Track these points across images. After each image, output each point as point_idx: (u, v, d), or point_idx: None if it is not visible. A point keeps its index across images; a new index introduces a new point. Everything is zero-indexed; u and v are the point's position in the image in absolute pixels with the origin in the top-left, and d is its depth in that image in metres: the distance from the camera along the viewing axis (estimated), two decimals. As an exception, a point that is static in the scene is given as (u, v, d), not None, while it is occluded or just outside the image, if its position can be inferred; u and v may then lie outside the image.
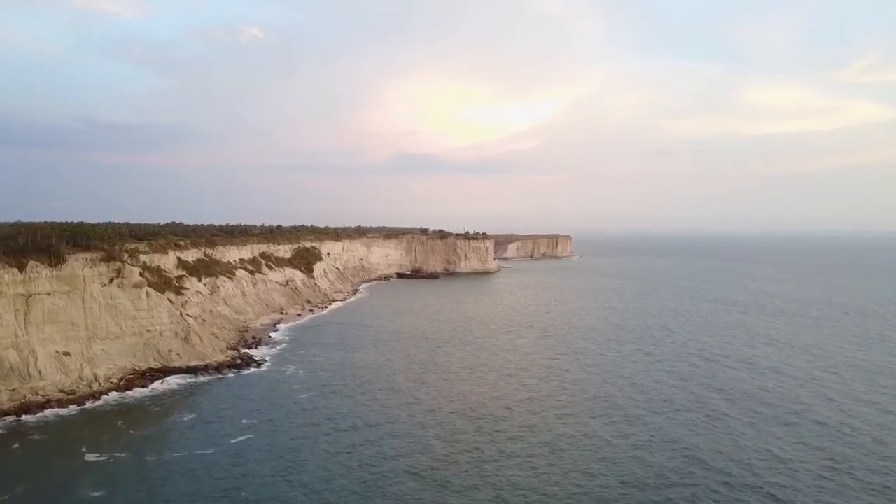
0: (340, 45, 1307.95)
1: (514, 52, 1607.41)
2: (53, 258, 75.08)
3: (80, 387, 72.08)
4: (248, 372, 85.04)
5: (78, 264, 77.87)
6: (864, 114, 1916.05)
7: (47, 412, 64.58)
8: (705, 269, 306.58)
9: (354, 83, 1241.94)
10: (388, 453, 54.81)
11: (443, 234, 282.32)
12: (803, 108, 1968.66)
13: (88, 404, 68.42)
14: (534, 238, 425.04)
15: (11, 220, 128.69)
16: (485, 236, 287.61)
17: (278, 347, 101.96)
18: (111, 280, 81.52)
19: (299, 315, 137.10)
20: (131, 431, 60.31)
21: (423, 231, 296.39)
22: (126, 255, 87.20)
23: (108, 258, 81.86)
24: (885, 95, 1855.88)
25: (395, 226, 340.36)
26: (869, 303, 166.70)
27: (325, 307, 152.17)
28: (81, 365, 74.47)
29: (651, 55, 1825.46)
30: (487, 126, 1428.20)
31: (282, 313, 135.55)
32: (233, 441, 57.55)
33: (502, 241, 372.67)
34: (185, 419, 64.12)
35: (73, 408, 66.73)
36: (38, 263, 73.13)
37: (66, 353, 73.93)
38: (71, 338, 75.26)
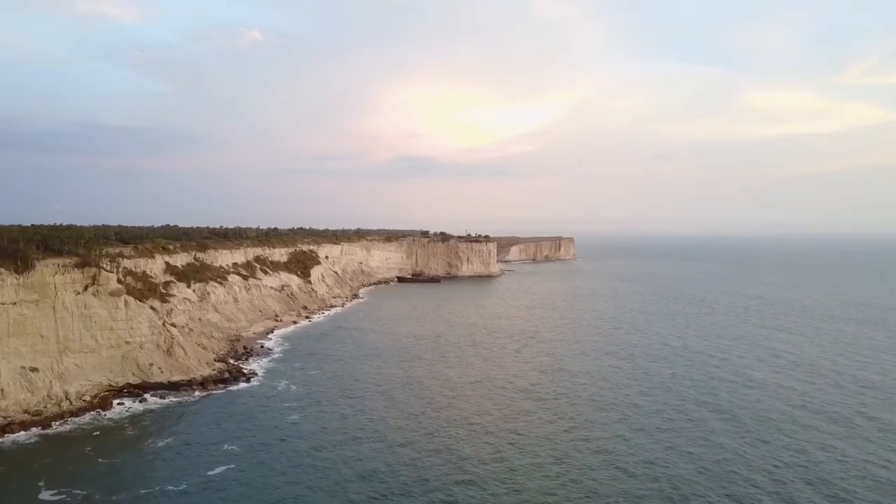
0: (341, 48, 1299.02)
1: (515, 56, 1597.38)
2: (20, 264, 68.45)
3: (49, 406, 65.39)
4: (237, 388, 78.34)
5: (48, 270, 71.22)
6: (863, 116, 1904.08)
7: (7, 437, 57.86)
8: (707, 272, 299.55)
9: (355, 86, 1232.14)
10: (380, 490, 48.11)
11: (444, 237, 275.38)
12: (803, 111, 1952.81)
13: (56, 426, 61.79)
14: (536, 241, 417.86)
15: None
16: (487, 239, 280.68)
17: (271, 358, 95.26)
18: (86, 287, 74.82)
19: (295, 322, 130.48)
20: (99, 460, 53.63)
21: (425, 234, 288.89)
22: (105, 261, 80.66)
23: (83, 264, 75.14)
24: (885, 98, 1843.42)
25: (395, 228, 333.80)
26: (873, 307, 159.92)
27: (323, 313, 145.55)
28: (50, 381, 67.72)
29: (650, 58, 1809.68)
30: (488, 129, 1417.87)
31: (276, 320, 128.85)
32: (210, 473, 50.79)
33: (504, 244, 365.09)
34: (161, 444, 57.42)
35: (36, 431, 60.04)
36: (2, 270, 66.47)
37: (34, 369, 67.20)
38: (39, 351, 68.58)
